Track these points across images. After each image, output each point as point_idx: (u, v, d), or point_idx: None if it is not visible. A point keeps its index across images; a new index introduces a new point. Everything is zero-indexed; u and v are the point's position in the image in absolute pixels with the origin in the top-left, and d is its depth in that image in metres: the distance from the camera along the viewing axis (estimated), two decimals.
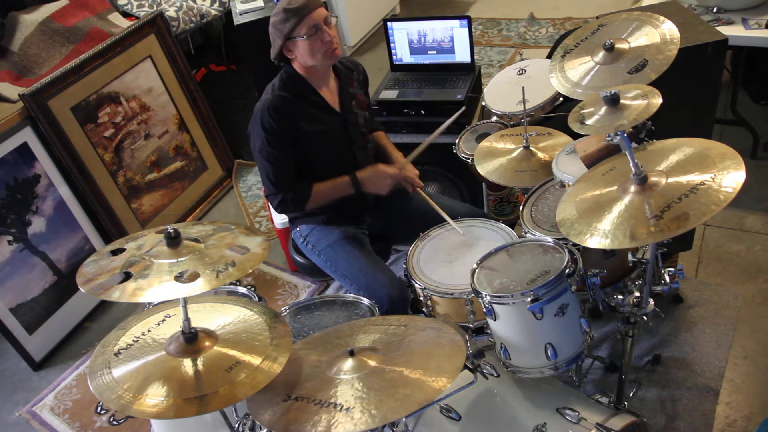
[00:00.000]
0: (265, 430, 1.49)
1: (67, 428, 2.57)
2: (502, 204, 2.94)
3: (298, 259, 2.39)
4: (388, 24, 2.88)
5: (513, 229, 2.04)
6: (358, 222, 2.30)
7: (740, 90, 3.23)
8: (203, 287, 1.34)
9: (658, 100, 1.57)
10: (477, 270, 1.74)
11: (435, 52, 2.87)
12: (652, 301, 1.75)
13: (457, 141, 2.48)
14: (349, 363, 1.40)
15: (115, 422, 2.56)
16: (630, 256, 1.70)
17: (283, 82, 2.13)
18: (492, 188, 2.84)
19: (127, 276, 1.39)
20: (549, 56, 2.55)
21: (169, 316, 1.52)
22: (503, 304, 1.62)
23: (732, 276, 2.62)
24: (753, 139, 3.14)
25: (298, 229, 2.32)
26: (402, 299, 2.05)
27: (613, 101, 1.59)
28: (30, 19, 3.22)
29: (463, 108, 2.50)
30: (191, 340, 1.40)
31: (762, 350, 2.32)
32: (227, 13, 3.95)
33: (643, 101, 1.58)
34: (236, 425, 1.58)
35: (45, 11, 3.27)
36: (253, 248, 1.50)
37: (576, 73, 1.87)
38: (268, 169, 2.12)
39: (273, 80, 2.16)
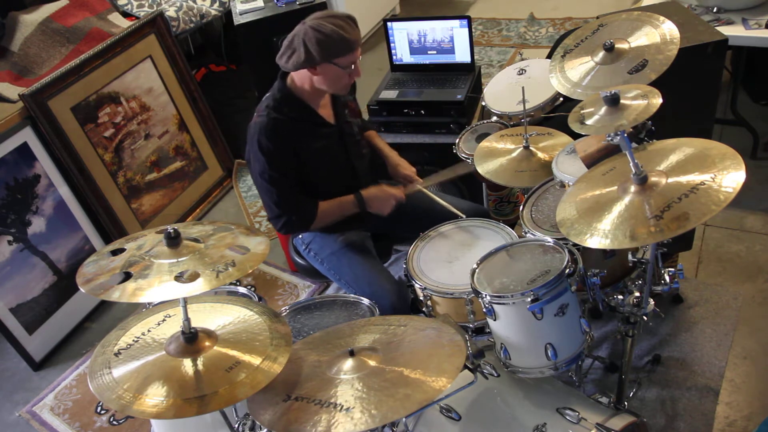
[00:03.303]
0: (265, 430, 1.49)
1: (67, 428, 2.57)
2: (502, 204, 2.94)
3: (298, 260, 2.39)
4: (388, 24, 2.88)
5: (513, 229, 2.04)
6: (359, 224, 2.30)
7: (740, 90, 3.23)
8: (203, 287, 1.34)
9: (658, 100, 1.57)
10: (477, 270, 1.74)
11: (435, 52, 2.87)
12: (652, 301, 1.75)
13: (457, 141, 2.48)
14: (349, 363, 1.40)
15: (115, 422, 2.56)
16: (630, 256, 1.70)
17: (277, 102, 2.07)
18: (492, 188, 2.84)
19: (127, 276, 1.39)
20: (549, 56, 2.55)
21: (169, 316, 1.52)
22: (503, 304, 1.62)
23: (732, 276, 2.62)
24: (753, 139, 3.14)
25: (300, 236, 2.31)
26: (404, 308, 2.06)
27: (613, 101, 1.59)
28: (30, 19, 3.21)
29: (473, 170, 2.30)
30: (191, 340, 1.40)
31: (762, 350, 2.32)
32: (227, 13, 3.95)
33: (643, 101, 1.58)
34: (236, 425, 1.58)
35: (45, 11, 3.27)
36: (253, 248, 1.50)
37: (576, 73, 1.87)
38: (271, 192, 2.08)
39: (265, 99, 2.11)
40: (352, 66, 2.01)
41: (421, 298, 1.95)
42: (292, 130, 2.07)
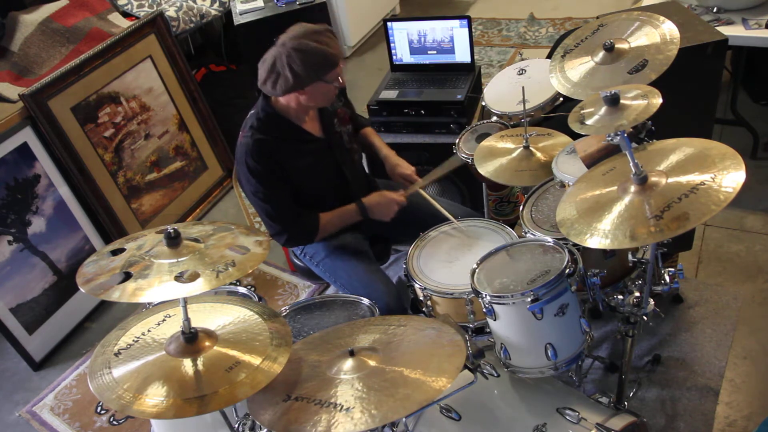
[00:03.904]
0: (265, 430, 1.49)
1: (67, 428, 2.57)
2: (502, 204, 2.94)
3: (297, 261, 2.39)
4: (388, 24, 2.88)
5: (513, 229, 2.04)
6: (356, 229, 2.29)
7: (740, 90, 3.23)
8: (203, 287, 1.34)
9: (658, 100, 1.57)
10: (477, 270, 1.74)
11: (435, 52, 2.87)
12: (652, 301, 1.75)
13: (457, 141, 2.48)
14: (349, 363, 1.41)
15: (115, 422, 2.56)
16: (630, 256, 1.70)
17: (261, 122, 2.04)
18: (492, 188, 2.84)
19: (127, 276, 1.39)
20: (549, 56, 2.54)
21: (169, 316, 1.52)
22: (503, 304, 1.62)
23: (732, 276, 2.62)
24: (753, 139, 3.14)
25: None
26: (399, 309, 2.06)
27: (613, 101, 1.59)
28: (30, 19, 3.22)
29: (466, 163, 2.39)
30: (191, 340, 1.40)
31: (762, 350, 2.32)
32: (227, 13, 3.95)
33: (643, 101, 1.58)
34: (236, 425, 1.58)
35: (45, 11, 3.27)
36: (253, 248, 1.50)
37: (576, 73, 1.87)
38: (267, 209, 2.07)
39: (249, 118, 2.08)
40: (337, 78, 1.99)
41: (421, 298, 1.95)
42: (277, 150, 2.04)
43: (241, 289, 2.07)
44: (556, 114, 2.37)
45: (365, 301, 2.00)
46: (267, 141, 2.02)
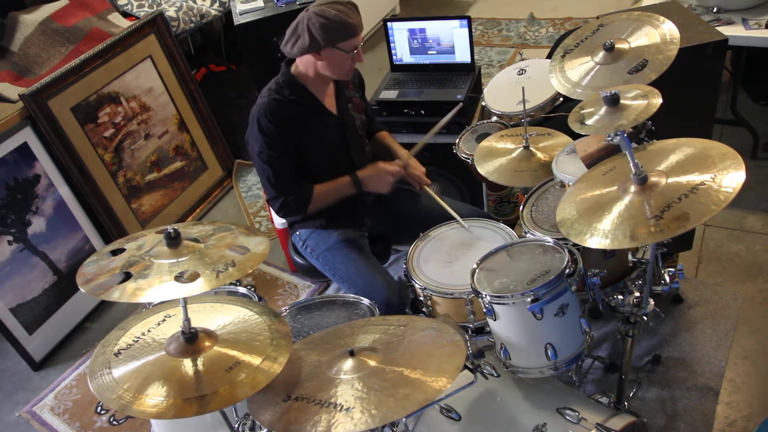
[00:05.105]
0: (265, 430, 1.49)
1: (67, 428, 2.57)
2: (502, 204, 2.94)
3: (298, 260, 2.39)
4: (388, 24, 2.88)
5: (513, 229, 2.04)
6: (357, 225, 2.30)
7: (740, 90, 3.23)
8: (203, 287, 1.34)
9: (658, 100, 1.57)
10: (477, 270, 1.74)
11: (435, 52, 2.87)
12: (652, 301, 1.75)
13: (457, 141, 2.48)
14: (349, 363, 1.40)
15: (115, 422, 2.56)
16: (630, 256, 1.70)
17: (280, 86, 2.10)
18: (492, 188, 2.84)
19: (127, 276, 1.39)
20: (549, 56, 2.55)
21: (169, 316, 1.52)
22: (503, 304, 1.62)
23: (732, 276, 2.62)
24: (753, 139, 3.14)
25: (297, 233, 2.32)
26: (399, 304, 2.06)
27: (613, 101, 1.59)
28: (30, 19, 3.22)
29: (461, 105, 2.48)
30: (191, 340, 1.40)
31: (762, 350, 2.32)
32: (227, 13, 3.95)
33: (643, 101, 1.58)
34: (236, 425, 1.58)
35: (45, 11, 3.27)
36: (253, 248, 1.50)
37: (576, 73, 1.87)
38: (268, 172, 2.10)
39: (269, 84, 2.14)
40: (355, 50, 2.05)
41: (421, 298, 1.95)
42: (292, 114, 2.08)
43: (241, 289, 2.07)
44: (556, 114, 2.37)
45: (365, 301, 2.00)
46: (284, 102, 2.07)
